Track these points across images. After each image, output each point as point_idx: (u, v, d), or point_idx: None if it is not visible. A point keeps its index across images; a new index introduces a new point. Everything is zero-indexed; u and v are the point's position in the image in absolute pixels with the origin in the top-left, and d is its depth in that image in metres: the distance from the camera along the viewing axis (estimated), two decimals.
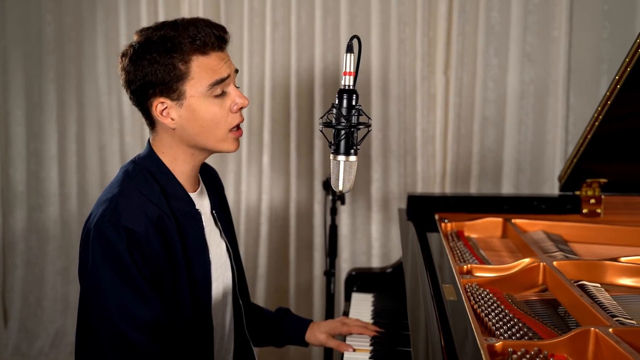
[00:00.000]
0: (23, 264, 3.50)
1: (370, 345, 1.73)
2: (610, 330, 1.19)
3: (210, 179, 1.72)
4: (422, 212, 2.16)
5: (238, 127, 1.52)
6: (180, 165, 1.53)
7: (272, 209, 3.17)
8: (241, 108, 1.50)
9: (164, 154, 1.52)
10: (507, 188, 2.95)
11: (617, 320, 1.31)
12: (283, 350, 3.11)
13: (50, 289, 3.50)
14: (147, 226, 1.39)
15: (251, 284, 3.20)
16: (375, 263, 3.07)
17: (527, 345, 1.19)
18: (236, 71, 1.52)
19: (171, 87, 1.42)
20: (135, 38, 1.47)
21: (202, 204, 1.60)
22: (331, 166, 1.40)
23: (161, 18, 3.15)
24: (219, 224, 1.64)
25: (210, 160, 3.11)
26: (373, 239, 3.09)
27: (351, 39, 1.40)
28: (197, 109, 1.44)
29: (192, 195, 1.56)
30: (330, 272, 2.42)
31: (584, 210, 2.15)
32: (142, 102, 1.47)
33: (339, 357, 1.70)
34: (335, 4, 3.00)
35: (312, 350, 3.15)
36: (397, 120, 3.00)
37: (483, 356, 1.09)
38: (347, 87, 1.41)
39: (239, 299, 1.69)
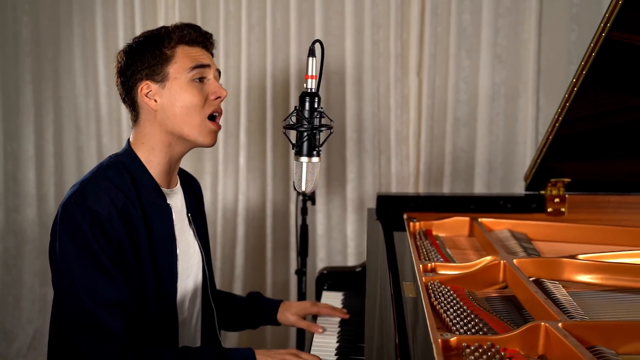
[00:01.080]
0: (0, 265, 3.50)
1: (338, 326, 1.81)
2: (560, 324, 1.23)
3: (190, 185, 1.79)
4: (392, 211, 2.20)
5: (216, 120, 1.61)
6: (157, 156, 1.59)
7: (248, 209, 3.20)
8: (219, 98, 1.60)
9: (142, 145, 1.59)
10: (479, 187, 3.00)
11: (569, 316, 1.36)
12: (261, 333, 3.18)
13: (28, 291, 3.50)
14: (110, 209, 1.46)
15: (228, 284, 3.24)
16: (351, 262, 3.11)
17: (481, 339, 1.23)
18: (219, 72, 1.64)
19: (156, 69, 1.55)
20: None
21: (176, 201, 1.66)
22: (294, 167, 1.44)
23: (138, 20, 3.17)
24: (192, 225, 1.69)
25: (188, 160, 3.17)
26: (348, 238, 3.13)
27: (313, 43, 1.43)
28: (179, 91, 1.55)
29: (166, 190, 1.62)
30: (301, 272, 2.45)
31: (549, 209, 2.20)
32: (130, 90, 1.58)
33: (310, 337, 1.77)
34: (309, 7, 3.04)
35: (288, 332, 3.18)
36: (371, 121, 3.05)
37: (434, 350, 1.13)
38: (309, 90, 1.44)
39: (211, 302, 1.73)
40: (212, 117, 1.61)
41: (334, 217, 3.18)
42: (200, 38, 1.60)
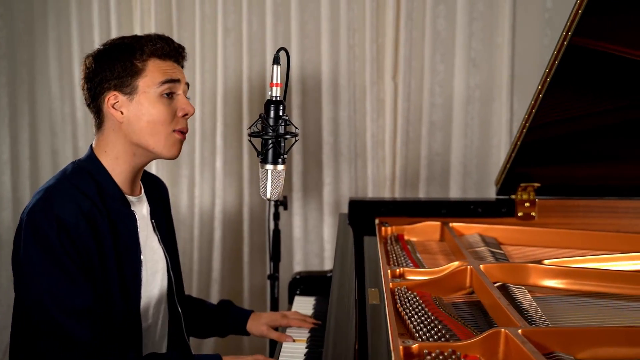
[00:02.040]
0: None
1: (308, 332, 1.82)
2: (519, 331, 1.24)
3: (154, 189, 1.78)
4: (363, 216, 2.21)
5: (184, 131, 1.60)
6: (121, 165, 1.58)
7: (225, 213, 3.20)
8: (186, 115, 1.59)
9: (106, 152, 1.58)
10: (454, 191, 3.02)
11: (532, 321, 1.37)
12: (239, 342, 3.17)
13: (4, 295, 3.47)
14: (78, 217, 1.45)
15: (205, 288, 3.23)
16: (328, 265, 3.12)
17: (442, 346, 1.24)
18: (187, 85, 1.63)
19: (125, 81, 1.53)
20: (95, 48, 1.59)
21: (141, 208, 1.65)
22: (259, 175, 1.44)
23: (113, 23, 3.16)
24: (157, 231, 1.69)
25: (164, 164, 3.16)
26: (325, 241, 3.14)
27: (278, 51, 1.44)
28: (146, 105, 1.54)
29: (130, 198, 1.62)
30: (274, 277, 2.45)
31: (519, 214, 2.23)
32: (96, 97, 1.56)
33: (279, 347, 1.77)
34: (285, 11, 3.04)
35: (265, 340, 3.17)
36: (347, 124, 3.06)
37: (394, 357, 1.14)
38: (274, 98, 1.44)
39: (178, 307, 1.73)
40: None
41: (311, 221, 3.18)
42: (172, 52, 1.58)
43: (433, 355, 1.21)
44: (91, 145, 1.63)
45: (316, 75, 3.05)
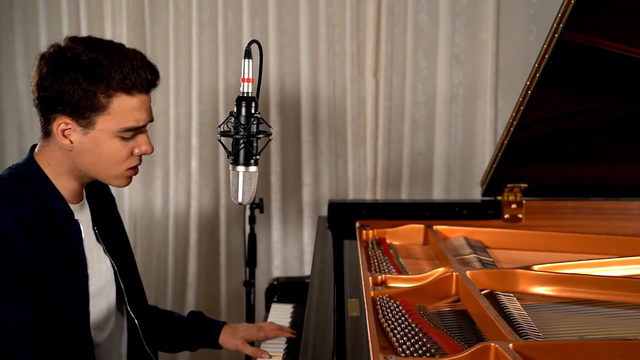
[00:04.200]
0: None
1: (284, 349, 1.73)
2: (510, 345, 1.16)
3: (97, 193, 1.63)
4: (344, 219, 2.12)
5: (135, 169, 1.48)
6: (65, 182, 1.47)
7: (201, 215, 3.09)
8: (144, 154, 1.47)
9: (49, 166, 1.45)
10: (438, 191, 2.94)
11: (522, 333, 1.29)
12: (216, 354, 3.04)
13: None
14: (15, 227, 1.34)
15: (181, 292, 3.12)
16: (308, 270, 3.00)
17: None
18: (151, 120, 1.47)
19: (83, 113, 1.37)
20: (63, 43, 1.40)
21: (83, 217, 1.52)
22: (230, 177, 1.34)
23: (83, 18, 3.02)
24: (100, 240, 1.56)
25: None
26: (305, 244, 3.04)
27: (249, 44, 1.34)
28: (101, 143, 1.40)
29: (73, 206, 1.49)
30: (250, 283, 2.35)
31: (506, 216, 2.14)
32: (46, 113, 1.40)
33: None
34: (262, 5, 2.94)
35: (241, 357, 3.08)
36: (327, 123, 2.96)
37: None
38: (245, 94, 1.34)
39: (132, 317, 1.61)
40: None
41: (290, 223, 3.08)
42: (144, 83, 1.40)
43: None
44: (32, 149, 1.48)
45: (295, 72, 2.95)
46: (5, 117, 3.22)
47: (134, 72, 1.38)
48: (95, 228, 1.56)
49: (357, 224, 2.06)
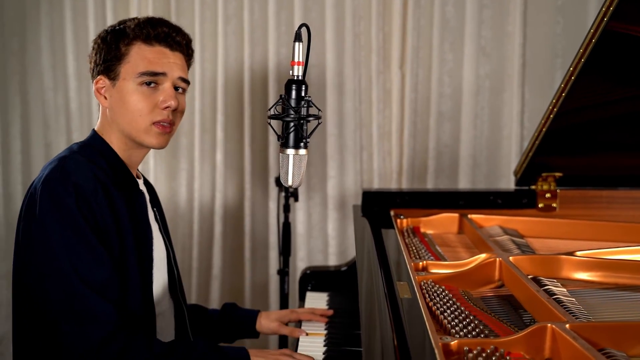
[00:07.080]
0: None
1: (325, 329, 1.73)
2: (567, 326, 1.16)
3: (149, 185, 1.69)
4: (378, 208, 2.12)
5: (167, 124, 1.50)
6: (122, 151, 1.53)
7: (226, 207, 3.09)
8: (167, 107, 1.48)
9: (105, 134, 1.53)
10: (463, 183, 2.93)
11: (573, 316, 1.28)
12: (240, 342, 3.04)
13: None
14: (96, 185, 1.39)
15: (205, 284, 3.12)
16: (332, 261, 3.02)
17: (483, 343, 1.14)
18: (184, 81, 1.53)
19: (110, 66, 1.48)
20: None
21: (144, 191, 1.59)
22: (280, 160, 1.34)
23: (109, 9, 3.04)
24: (159, 219, 1.61)
25: (162, 156, 3.05)
26: (330, 237, 3.04)
27: (299, 27, 1.33)
28: (125, 93, 1.48)
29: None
30: (284, 271, 2.35)
31: (540, 205, 2.14)
32: (92, 80, 1.53)
33: (294, 343, 1.67)
34: None
35: (267, 340, 3.08)
36: (352, 116, 2.96)
37: (437, 356, 1.05)
38: (296, 78, 1.34)
39: (180, 300, 1.63)
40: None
41: (315, 215, 3.08)
42: (161, 35, 1.48)
43: (475, 352, 1.12)
44: (93, 129, 1.56)
45: (320, 64, 2.95)
46: (31, 110, 3.23)
47: (152, 24, 1.48)
48: (154, 209, 1.60)
49: (392, 213, 2.06)
